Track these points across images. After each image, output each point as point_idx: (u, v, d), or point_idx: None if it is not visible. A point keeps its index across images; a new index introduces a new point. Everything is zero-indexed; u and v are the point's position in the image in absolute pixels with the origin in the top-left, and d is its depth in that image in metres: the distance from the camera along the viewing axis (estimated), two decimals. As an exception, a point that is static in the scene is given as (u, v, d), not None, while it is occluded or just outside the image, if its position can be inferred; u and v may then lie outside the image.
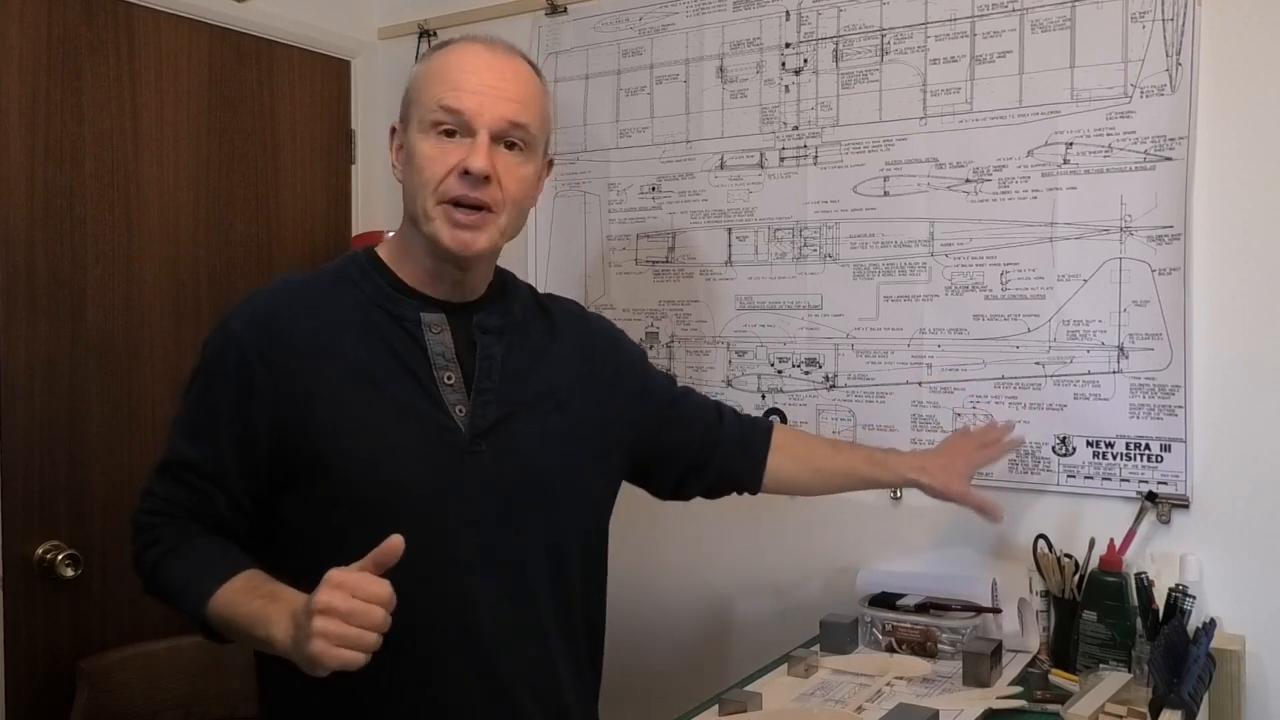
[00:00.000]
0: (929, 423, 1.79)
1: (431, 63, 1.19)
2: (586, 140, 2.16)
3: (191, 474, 1.17)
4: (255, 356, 1.14)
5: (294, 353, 1.14)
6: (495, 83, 1.15)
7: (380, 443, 1.14)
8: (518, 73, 1.18)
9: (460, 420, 1.17)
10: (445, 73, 1.16)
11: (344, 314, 1.18)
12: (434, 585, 1.13)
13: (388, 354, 1.16)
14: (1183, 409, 1.59)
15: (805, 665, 1.53)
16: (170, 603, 1.17)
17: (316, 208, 2.31)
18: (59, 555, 1.81)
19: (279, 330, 1.15)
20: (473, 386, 1.19)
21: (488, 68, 1.16)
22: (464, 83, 1.14)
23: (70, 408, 1.86)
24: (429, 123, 1.15)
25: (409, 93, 1.20)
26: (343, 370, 1.15)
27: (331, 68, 2.35)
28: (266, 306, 1.18)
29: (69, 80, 1.87)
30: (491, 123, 1.14)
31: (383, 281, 1.20)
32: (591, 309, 2.16)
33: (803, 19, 1.90)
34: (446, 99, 1.14)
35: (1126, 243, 1.62)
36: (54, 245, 1.85)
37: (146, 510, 1.19)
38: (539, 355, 1.28)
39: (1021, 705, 1.41)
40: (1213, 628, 1.42)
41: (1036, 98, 1.69)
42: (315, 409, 1.13)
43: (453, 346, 1.19)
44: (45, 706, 1.81)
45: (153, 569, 1.17)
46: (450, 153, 1.14)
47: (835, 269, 1.88)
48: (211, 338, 1.19)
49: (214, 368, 1.17)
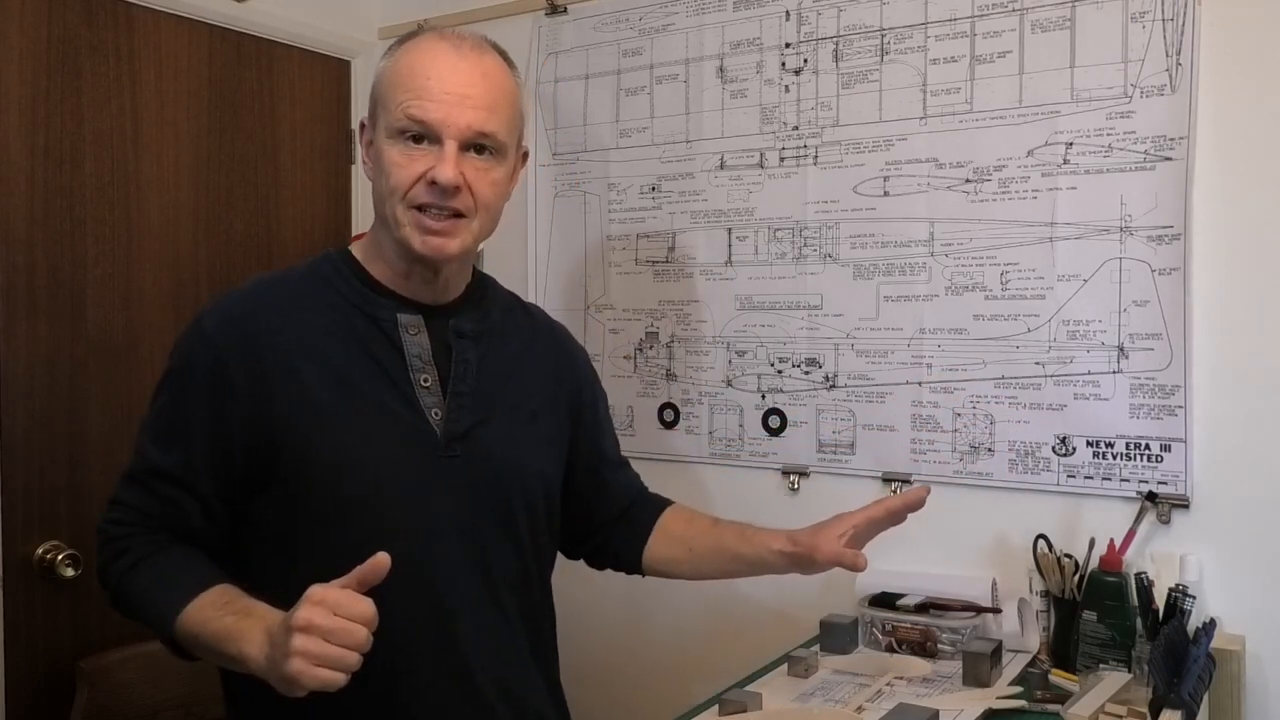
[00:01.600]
0: (929, 423, 1.79)
1: (397, 62, 1.15)
2: (586, 140, 2.16)
3: (163, 481, 1.14)
4: (229, 356, 1.12)
5: (269, 353, 1.12)
6: (463, 89, 1.12)
7: (355, 445, 1.12)
8: (486, 75, 1.15)
9: (435, 424, 1.16)
10: (410, 77, 1.12)
11: (319, 314, 1.16)
12: (408, 589, 1.11)
13: (364, 355, 1.15)
14: (1183, 409, 1.59)
15: (805, 665, 1.53)
16: (136, 617, 1.14)
17: (316, 208, 2.31)
18: (59, 555, 1.81)
19: (253, 330, 1.13)
20: (448, 389, 1.18)
21: (453, 72, 1.12)
22: (429, 90, 1.11)
23: (70, 408, 1.86)
24: (395, 130, 1.12)
25: (375, 90, 1.17)
26: (318, 371, 1.13)
27: (331, 68, 2.35)
28: (241, 306, 1.16)
29: (69, 80, 1.87)
30: (459, 133, 1.11)
31: (358, 281, 1.19)
32: (591, 309, 2.19)
33: (803, 19, 1.90)
34: (412, 108, 1.11)
35: (1126, 243, 1.62)
36: (54, 245, 1.85)
37: (114, 520, 1.16)
38: (515, 363, 1.27)
39: (1021, 705, 1.41)
40: (1213, 628, 1.41)
41: (1036, 98, 1.69)
42: (290, 410, 1.11)
43: (429, 348, 1.18)
44: (45, 706, 1.81)
45: (119, 581, 1.14)
46: (418, 159, 1.11)
47: (835, 269, 1.88)
48: (184, 338, 1.17)
49: (186, 370, 1.14)
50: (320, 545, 1.12)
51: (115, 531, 1.16)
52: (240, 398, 1.11)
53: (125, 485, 1.17)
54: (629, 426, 2.11)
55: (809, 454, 1.92)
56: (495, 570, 1.21)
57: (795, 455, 1.93)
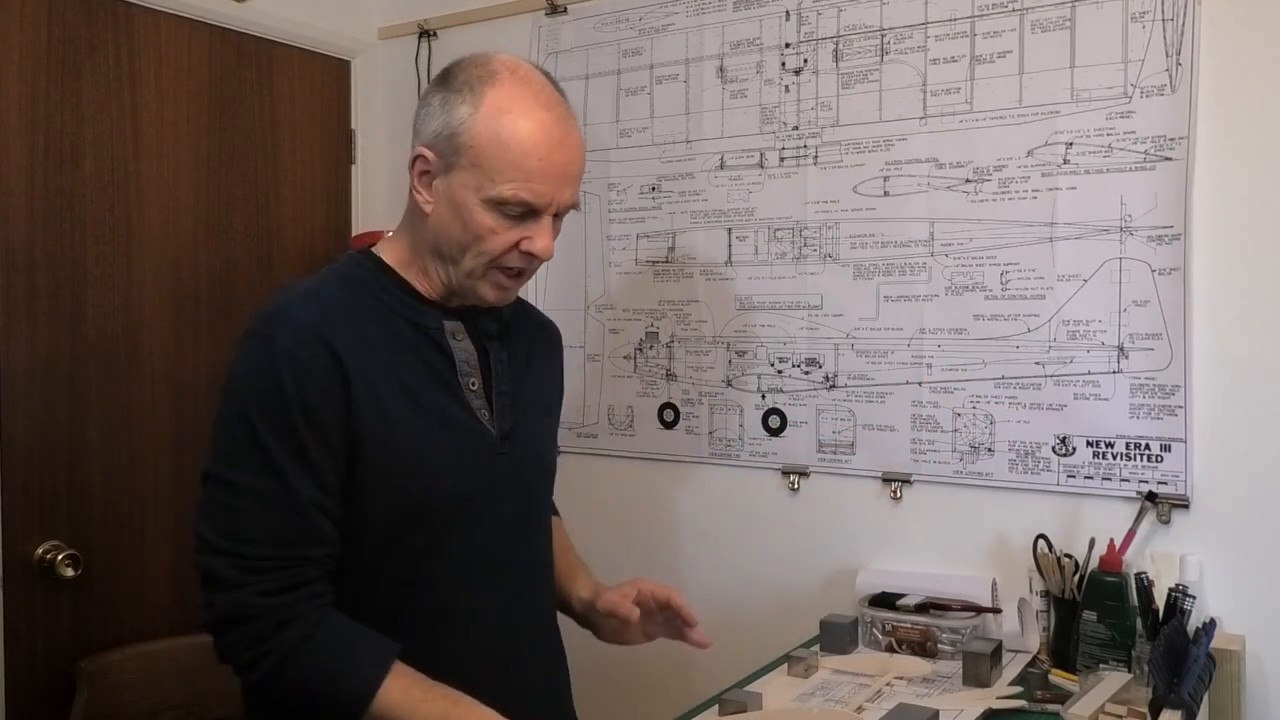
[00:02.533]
0: (929, 423, 1.79)
1: (500, 129, 1.10)
2: (587, 140, 2.15)
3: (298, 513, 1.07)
4: (315, 367, 1.09)
5: (347, 368, 1.10)
6: (565, 166, 1.14)
7: (423, 452, 1.14)
8: (579, 146, 1.17)
9: (488, 424, 1.20)
10: (522, 158, 1.10)
11: (371, 326, 1.15)
12: (474, 578, 1.17)
13: (419, 364, 1.17)
14: (1183, 409, 1.59)
15: (805, 665, 1.53)
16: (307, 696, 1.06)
17: (316, 208, 2.31)
18: (59, 555, 1.81)
19: (328, 344, 1.10)
20: (492, 390, 1.21)
21: (560, 148, 1.13)
22: (539, 172, 1.11)
23: (70, 408, 1.86)
24: (496, 200, 1.11)
25: (464, 142, 1.11)
26: (386, 384, 1.13)
27: (331, 68, 2.35)
28: (307, 315, 1.11)
29: (69, 80, 1.87)
30: (559, 208, 1.15)
31: (399, 291, 1.19)
32: (591, 309, 2.19)
33: (803, 19, 1.90)
34: (522, 193, 1.11)
35: (1126, 243, 1.62)
36: (54, 245, 1.85)
37: (259, 591, 1.04)
38: (528, 361, 1.31)
39: (1021, 705, 1.41)
40: (1213, 628, 1.41)
41: (1036, 98, 1.69)
42: (370, 423, 1.10)
43: (474, 352, 1.21)
44: (45, 706, 1.80)
45: (287, 656, 1.04)
46: (514, 230, 1.13)
47: (835, 269, 1.88)
48: (257, 359, 1.09)
49: (275, 390, 1.07)
50: (393, 545, 1.14)
51: (264, 604, 1.04)
52: (334, 409, 1.09)
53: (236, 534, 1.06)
54: (629, 426, 2.11)
55: (809, 454, 1.92)
56: (540, 557, 1.29)
57: (795, 455, 1.93)
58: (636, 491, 2.10)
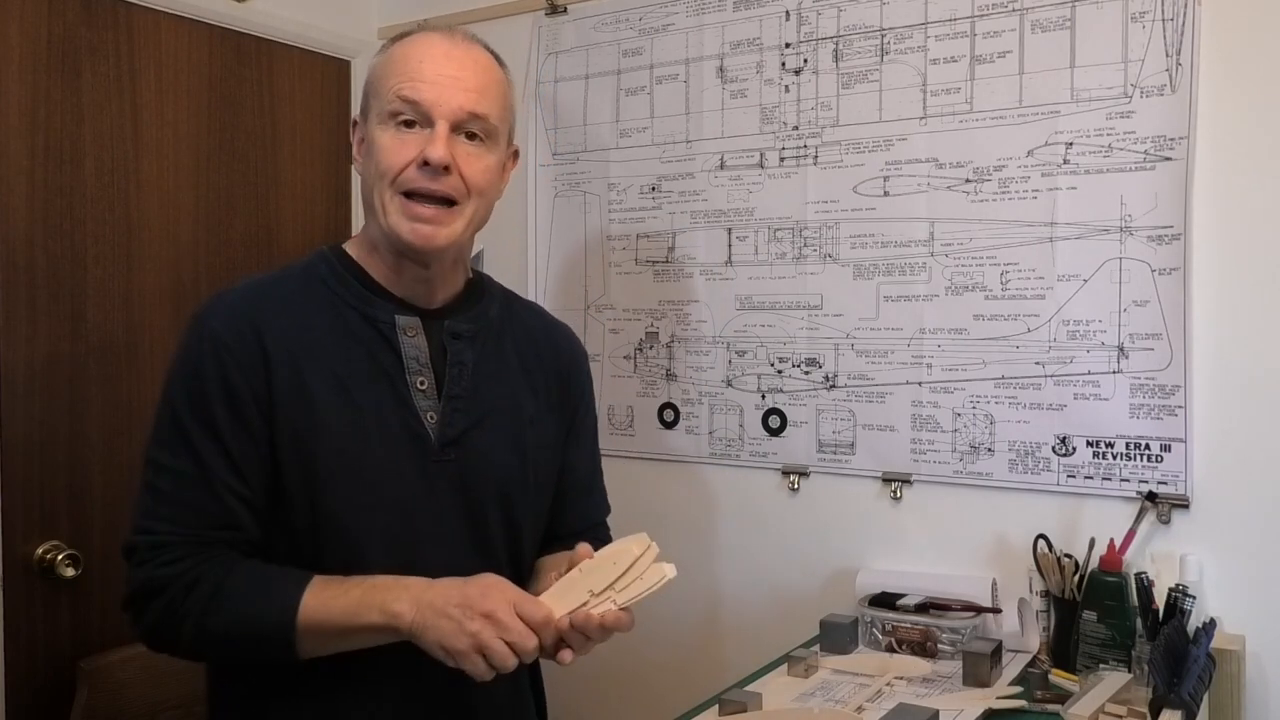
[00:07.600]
0: (929, 423, 1.79)
1: (390, 53, 1.16)
2: (586, 140, 2.16)
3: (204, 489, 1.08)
4: (239, 352, 1.10)
5: (271, 353, 1.10)
6: (454, 72, 1.13)
7: (351, 449, 1.11)
8: (477, 61, 1.16)
9: (430, 428, 1.15)
10: (403, 63, 1.13)
11: (317, 315, 1.14)
12: None
13: (363, 357, 1.14)
14: (1183, 409, 1.59)
15: (805, 665, 1.53)
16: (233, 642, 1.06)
17: (316, 208, 2.31)
18: (59, 555, 1.81)
19: (256, 328, 1.11)
20: (443, 393, 1.17)
21: (445, 57, 1.13)
22: (421, 73, 1.12)
23: (70, 408, 1.86)
24: (387, 113, 1.12)
25: (368, 84, 1.18)
26: (318, 373, 1.11)
27: (331, 68, 2.35)
28: (242, 304, 1.13)
29: (69, 80, 1.87)
30: (450, 113, 1.12)
31: (355, 281, 1.18)
32: (591, 309, 2.19)
33: (803, 19, 1.90)
34: (404, 89, 1.11)
35: (1126, 243, 1.62)
36: (54, 245, 1.85)
37: (162, 561, 1.06)
38: (513, 364, 1.25)
39: (1021, 705, 1.41)
40: (1213, 628, 1.42)
41: (1036, 98, 1.69)
42: (291, 411, 1.10)
43: (427, 350, 1.17)
44: (45, 706, 1.80)
45: (202, 612, 1.05)
46: (409, 143, 1.11)
47: (835, 269, 1.88)
48: (188, 340, 1.12)
49: (196, 373, 1.10)
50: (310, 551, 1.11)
51: (169, 572, 1.06)
52: (255, 393, 1.09)
53: (154, 512, 1.08)
54: (629, 426, 2.11)
55: (809, 454, 1.92)
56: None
57: (795, 455, 1.93)
58: (636, 491, 2.10)
